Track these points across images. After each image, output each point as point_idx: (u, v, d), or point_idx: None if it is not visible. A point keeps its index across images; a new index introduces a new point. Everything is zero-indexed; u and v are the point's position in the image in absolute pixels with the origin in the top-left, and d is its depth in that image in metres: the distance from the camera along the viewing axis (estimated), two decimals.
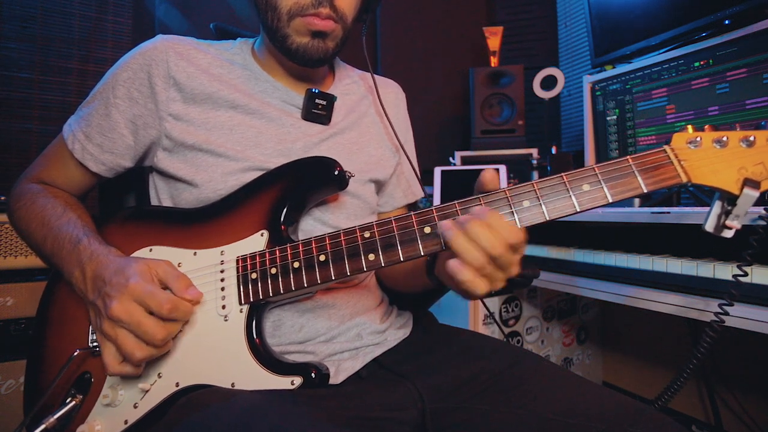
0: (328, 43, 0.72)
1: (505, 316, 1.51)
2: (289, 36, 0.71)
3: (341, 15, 0.70)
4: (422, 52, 2.15)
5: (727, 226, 0.54)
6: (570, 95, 2.13)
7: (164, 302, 0.56)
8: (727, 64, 1.14)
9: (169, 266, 0.61)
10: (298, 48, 0.71)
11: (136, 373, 0.58)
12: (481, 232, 0.50)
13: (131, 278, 0.57)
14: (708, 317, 0.79)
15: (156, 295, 0.56)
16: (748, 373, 1.35)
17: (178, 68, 0.71)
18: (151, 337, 0.55)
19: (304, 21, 0.69)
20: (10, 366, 1.28)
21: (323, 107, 0.77)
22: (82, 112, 0.74)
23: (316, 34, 0.70)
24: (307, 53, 0.71)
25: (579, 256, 1.09)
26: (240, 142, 0.71)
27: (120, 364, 0.57)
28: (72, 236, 0.64)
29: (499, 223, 0.51)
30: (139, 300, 0.56)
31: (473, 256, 0.50)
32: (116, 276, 0.58)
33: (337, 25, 0.71)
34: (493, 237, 0.50)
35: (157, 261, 0.61)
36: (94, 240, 0.64)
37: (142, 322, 0.55)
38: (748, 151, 0.52)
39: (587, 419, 0.57)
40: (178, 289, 0.59)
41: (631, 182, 0.53)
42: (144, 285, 0.56)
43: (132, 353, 0.55)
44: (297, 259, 0.60)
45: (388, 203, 0.91)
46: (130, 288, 0.56)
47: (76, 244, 0.63)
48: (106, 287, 0.58)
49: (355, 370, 0.68)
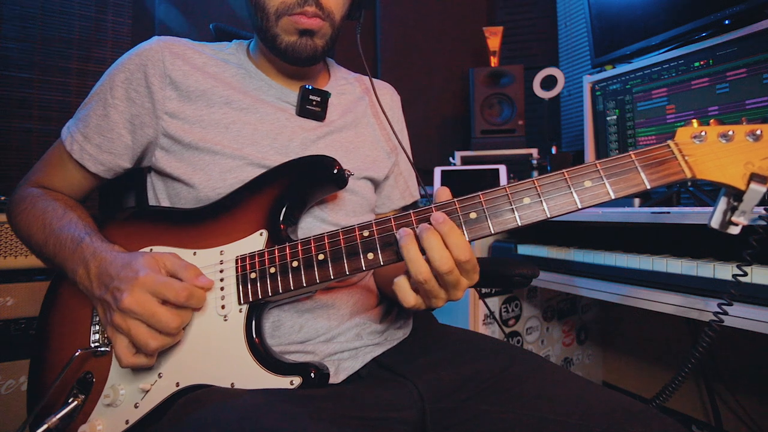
0: (317, 41, 0.73)
1: (505, 316, 1.51)
2: (278, 35, 0.72)
3: (328, 12, 0.71)
4: (422, 52, 2.15)
5: (733, 223, 0.53)
6: (570, 95, 2.13)
7: (180, 290, 0.57)
8: (727, 64, 1.14)
9: (177, 258, 0.62)
10: (287, 47, 0.72)
11: (149, 363, 0.59)
12: (435, 243, 0.52)
13: (140, 271, 0.57)
14: (707, 317, 0.79)
15: (171, 284, 0.57)
16: (748, 373, 1.35)
17: (173, 67, 0.72)
18: (165, 325, 0.56)
19: (291, 20, 0.70)
20: (10, 366, 1.28)
21: (318, 103, 0.78)
22: (80, 114, 0.75)
23: (303, 33, 0.71)
24: (296, 51, 0.72)
25: (579, 256, 1.09)
26: (236, 139, 0.71)
27: (134, 355, 0.57)
28: (74, 236, 0.65)
29: (453, 237, 0.52)
30: (153, 290, 0.56)
31: (417, 268, 0.52)
32: (124, 270, 0.58)
33: (324, 23, 0.72)
34: (445, 251, 0.52)
35: (163, 254, 0.62)
36: (96, 238, 0.65)
37: (156, 311, 0.56)
38: (754, 146, 0.51)
39: (587, 419, 0.56)
40: (189, 278, 0.60)
41: (634, 178, 0.52)
42: (156, 276, 0.57)
43: (146, 343, 0.56)
44: (296, 259, 0.60)
45: (385, 205, 0.91)
46: (140, 280, 0.56)
47: (79, 243, 0.64)
48: (115, 281, 0.58)
49: (355, 370, 0.68)
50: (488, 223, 0.54)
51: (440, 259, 0.51)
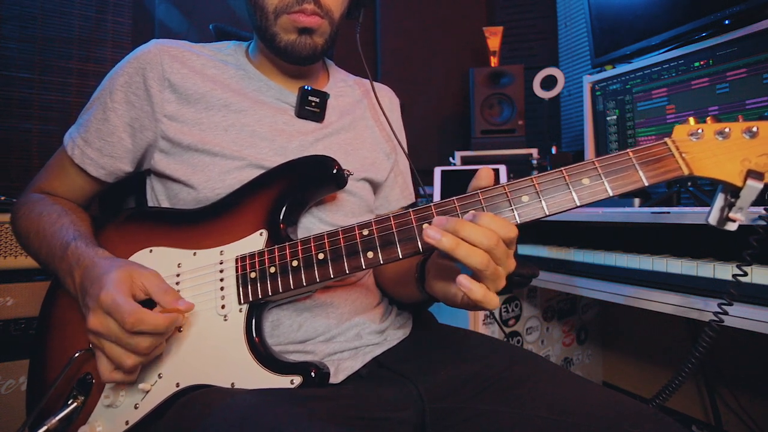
0: (316, 40, 0.72)
1: (505, 316, 1.51)
2: (277, 34, 0.71)
3: (327, 10, 0.71)
4: (422, 52, 2.15)
5: (731, 219, 0.53)
6: (570, 95, 2.13)
7: (127, 315, 0.52)
8: (727, 64, 1.14)
9: (157, 279, 0.60)
10: (287, 45, 0.72)
11: (130, 379, 0.58)
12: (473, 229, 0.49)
13: (103, 288, 0.55)
14: (707, 317, 0.79)
15: (120, 307, 0.53)
16: (748, 373, 1.35)
17: (172, 70, 0.72)
18: (134, 347, 0.54)
19: (289, 18, 0.70)
20: (10, 366, 1.28)
21: (316, 104, 0.78)
22: (81, 119, 0.75)
23: (302, 31, 0.71)
24: (296, 50, 0.72)
25: (579, 255, 1.09)
26: (235, 141, 0.71)
27: (112, 371, 0.56)
28: (62, 242, 0.64)
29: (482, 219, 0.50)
30: (107, 312, 0.54)
31: (475, 257, 0.49)
32: (94, 286, 0.56)
33: (323, 21, 0.71)
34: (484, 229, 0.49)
35: (144, 272, 0.59)
36: (81, 242, 0.64)
37: (119, 335, 0.53)
38: (751, 143, 0.51)
39: (587, 419, 0.56)
40: (167, 302, 0.57)
41: (632, 176, 0.52)
42: (112, 296, 0.54)
43: (122, 362, 0.55)
44: (296, 258, 0.60)
45: (383, 206, 0.91)
46: (100, 299, 0.54)
47: (65, 250, 0.63)
48: (86, 297, 0.57)
49: (355, 370, 0.68)
50: None
51: (484, 235, 0.49)
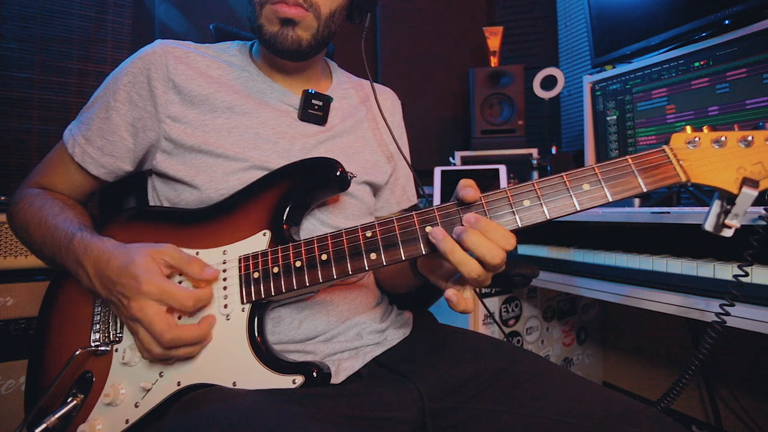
0: (299, 33, 0.72)
1: (505, 316, 1.51)
2: (262, 26, 0.72)
3: (311, 3, 0.70)
4: (422, 53, 2.15)
5: (727, 225, 0.54)
6: (570, 95, 2.13)
7: (186, 300, 0.58)
8: (727, 64, 1.14)
9: (176, 250, 0.62)
10: (270, 37, 0.72)
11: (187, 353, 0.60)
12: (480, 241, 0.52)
13: (141, 277, 0.57)
14: (709, 317, 0.79)
15: (175, 295, 0.58)
16: (748, 373, 1.35)
17: (176, 71, 0.72)
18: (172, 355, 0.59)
19: (272, 8, 0.70)
20: (10, 366, 1.28)
21: (319, 108, 0.78)
22: (83, 117, 0.75)
23: (285, 22, 0.71)
24: (278, 42, 0.72)
25: (579, 256, 1.09)
26: (239, 143, 0.72)
27: (150, 343, 0.59)
28: (67, 233, 0.65)
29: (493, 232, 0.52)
30: (158, 299, 0.57)
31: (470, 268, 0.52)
32: (124, 275, 0.58)
33: (307, 14, 0.71)
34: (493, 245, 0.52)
35: (159, 249, 0.61)
36: (86, 232, 0.64)
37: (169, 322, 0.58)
38: (746, 151, 0.53)
39: (587, 419, 0.57)
40: (195, 272, 0.61)
41: (630, 182, 0.53)
42: (158, 283, 0.57)
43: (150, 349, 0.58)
44: (299, 259, 0.60)
45: (384, 208, 0.91)
46: (143, 291, 0.57)
47: (71, 240, 0.63)
48: (117, 287, 0.58)
49: (355, 370, 0.68)
50: None
51: (490, 252, 0.51)
